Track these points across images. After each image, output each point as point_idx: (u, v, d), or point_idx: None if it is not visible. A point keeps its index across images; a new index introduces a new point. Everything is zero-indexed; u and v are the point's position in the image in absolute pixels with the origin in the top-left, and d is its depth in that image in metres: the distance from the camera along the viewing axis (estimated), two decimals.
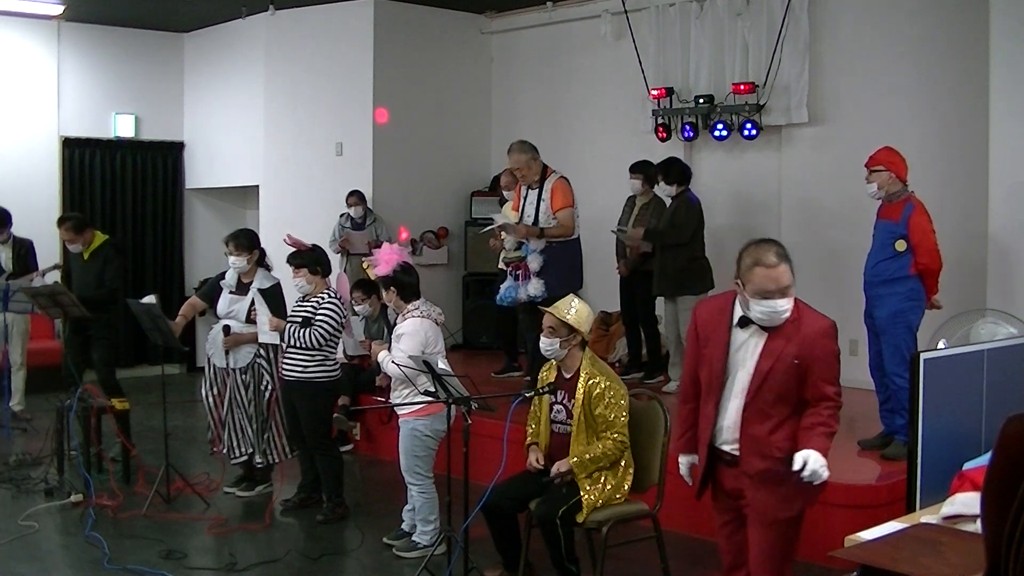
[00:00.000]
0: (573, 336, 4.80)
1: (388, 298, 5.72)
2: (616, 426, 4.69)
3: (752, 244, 3.58)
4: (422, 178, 10.31)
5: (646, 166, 8.08)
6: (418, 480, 5.57)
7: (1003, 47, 6.64)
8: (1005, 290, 6.57)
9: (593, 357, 4.87)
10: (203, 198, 11.87)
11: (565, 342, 4.81)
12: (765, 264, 3.47)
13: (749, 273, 3.50)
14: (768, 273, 3.46)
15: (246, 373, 6.46)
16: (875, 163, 5.87)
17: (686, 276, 7.53)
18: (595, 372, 4.77)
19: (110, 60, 11.14)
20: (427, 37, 10.35)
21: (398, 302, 5.68)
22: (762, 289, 3.47)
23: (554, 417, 4.91)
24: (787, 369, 3.50)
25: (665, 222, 7.64)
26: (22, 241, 8.51)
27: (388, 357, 5.53)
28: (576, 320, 4.80)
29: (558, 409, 4.89)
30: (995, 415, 3.54)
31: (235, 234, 6.58)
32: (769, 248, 3.51)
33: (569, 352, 4.83)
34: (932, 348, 5.25)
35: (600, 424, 4.71)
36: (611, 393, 4.71)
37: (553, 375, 4.92)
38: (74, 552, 5.62)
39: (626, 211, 8.21)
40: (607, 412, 4.69)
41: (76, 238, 7.35)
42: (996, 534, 2.47)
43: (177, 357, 10.49)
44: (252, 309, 6.34)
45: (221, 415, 6.57)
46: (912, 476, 3.63)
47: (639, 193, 8.10)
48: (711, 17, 8.79)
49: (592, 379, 4.73)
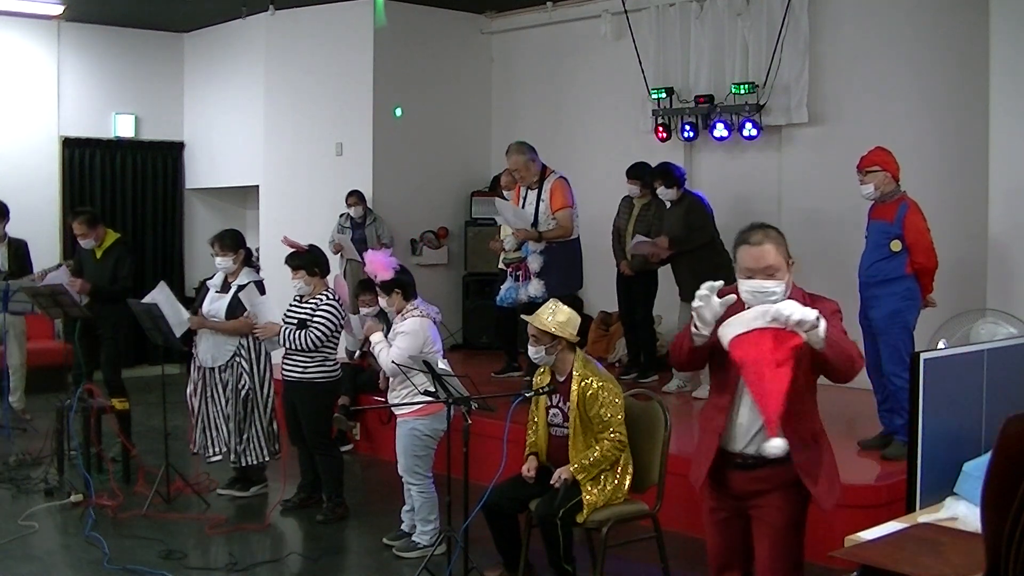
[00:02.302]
0: (557, 342, 4.80)
1: (391, 301, 5.71)
2: (613, 425, 4.70)
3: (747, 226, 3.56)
4: (422, 178, 10.31)
5: (641, 169, 8.06)
6: (417, 480, 5.57)
7: (1003, 48, 6.64)
8: (1005, 290, 6.57)
9: (585, 358, 4.87)
10: (203, 198, 11.88)
11: (551, 348, 4.81)
12: (748, 242, 3.46)
13: (736, 252, 3.51)
14: (750, 251, 3.43)
15: (225, 371, 6.45)
16: (870, 164, 5.88)
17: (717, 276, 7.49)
18: (587, 373, 4.77)
19: (110, 60, 11.14)
20: (427, 37, 10.35)
21: (400, 303, 5.69)
22: (745, 268, 3.45)
23: (551, 420, 4.91)
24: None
25: (680, 227, 7.58)
26: (18, 241, 8.50)
27: (384, 348, 5.54)
28: (557, 326, 4.80)
29: (554, 412, 4.90)
30: (995, 415, 3.53)
31: (220, 235, 6.58)
32: (757, 228, 3.49)
33: (559, 356, 4.83)
34: (932, 348, 5.24)
35: (597, 425, 4.72)
36: (605, 393, 4.71)
37: (547, 379, 4.92)
38: (74, 552, 5.62)
39: (624, 212, 8.18)
40: (603, 412, 4.69)
41: (89, 232, 7.34)
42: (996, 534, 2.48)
43: (177, 357, 10.47)
44: (243, 310, 6.32)
45: (201, 413, 6.57)
46: (912, 476, 3.63)
47: (637, 196, 8.10)
48: (711, 17, 8.79)
49: (584, 380, 4.73)
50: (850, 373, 3.39)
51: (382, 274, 5.71)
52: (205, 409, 6.54)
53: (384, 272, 5.70)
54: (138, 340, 10.16)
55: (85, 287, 7.18)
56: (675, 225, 7.65)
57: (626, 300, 8.31)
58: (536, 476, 4.88)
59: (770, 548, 3.54)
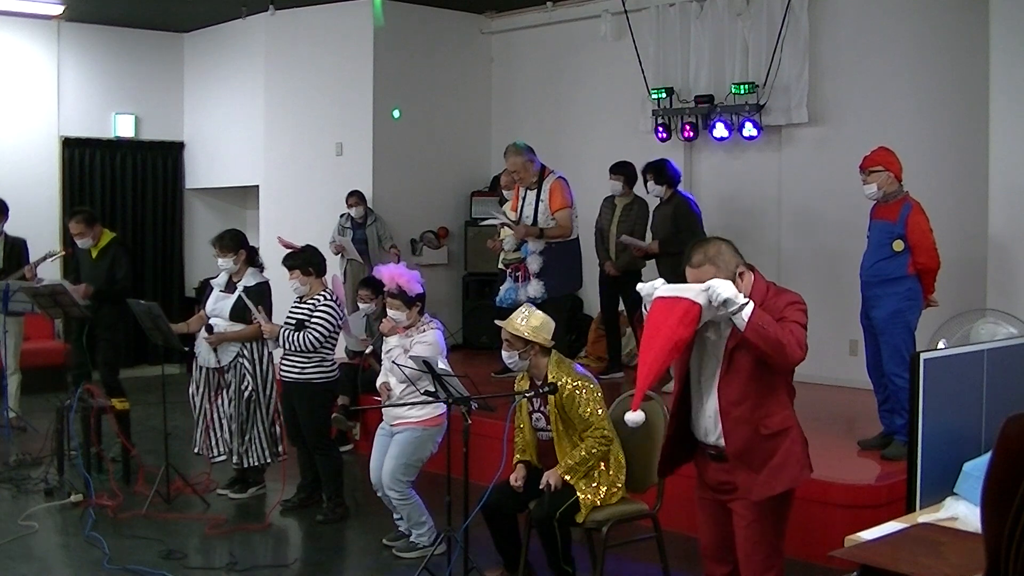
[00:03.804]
0: (530, 347, 4.81)
1: (409, 316, 5.65)
2: (595, 422, 4.70)
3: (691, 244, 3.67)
4: (422, 178, 10.31)
5: (626, 167, 8.03)
6: (399, 487, 5.52)
7: (1003, 47, 6.64)
8: (1005, 290, 6.57)
9: (559, 359, 4.87)
10: (203, 198, 11.87)
11: (524, 353, 4.82)
12: (690, 263, 3.59)
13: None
14: (691, 272, 3.57)
15: (228, 372, 6.45)
16: (873, 164, 5.87)
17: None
18: (561, 373, 4.77)
19: (110, 60, 11.14)
20: (427, 37, 10.35)
21: (415, 317, 5.67)
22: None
23: (535, 424, 4.92)
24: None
25: (668, 226, 7.56)
26: (15, 240, 8.49)
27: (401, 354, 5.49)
28: (531, 331, 4.80)
29: (537, 416, 4.91)
30: (995, 415, 3.54)
31: (220, 236, 6.58)
32: (698, 248, 3.61)
33: (533, 361, 4.84)
34: (932, 348, 5.25)
35: (579, 424, 4.73)
36: (580, 392, 4.72)
37: (526, 385, 4.93)
38: (74, 552, 5.62)
39: (607, 212, 8.10)
40: (582, 411, 4.70)
41: (87, 231, 7.33)
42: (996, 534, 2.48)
43: (177, 357, 10.48)
44: (247, 311, 6.32)
45: (202, 414, 6.57)
46: (912, 476, 3.63)
47: (619, 194, 8.03)
48: (711, 17, 8.79)
49: (559, 381, 4.73)
50: (781, 360, 3.45)
51: (410, 288, 5.63)
52: (209, 412, 6.53)
53: (413, 285, 5.65)
54: (138, 340, 10.18)
55: (88, 291, 7.17)
56: (662, 224, 7.62)
57: (608, 300, 8.26)
58: (529, 479, 4.88)
59: (744, 540, 3.64)
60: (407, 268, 5.82)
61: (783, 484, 3.60)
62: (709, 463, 3.71)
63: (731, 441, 3.57)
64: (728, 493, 3.67)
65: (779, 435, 3.59)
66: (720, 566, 3.79)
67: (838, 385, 7.86)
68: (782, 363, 3.47)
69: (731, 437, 3.56)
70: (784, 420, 3.61)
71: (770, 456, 3.57)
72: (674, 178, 7.66)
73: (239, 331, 6.35)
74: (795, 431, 3.65)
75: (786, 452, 3.59)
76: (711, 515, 3.78)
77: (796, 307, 3.55)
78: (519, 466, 4.95)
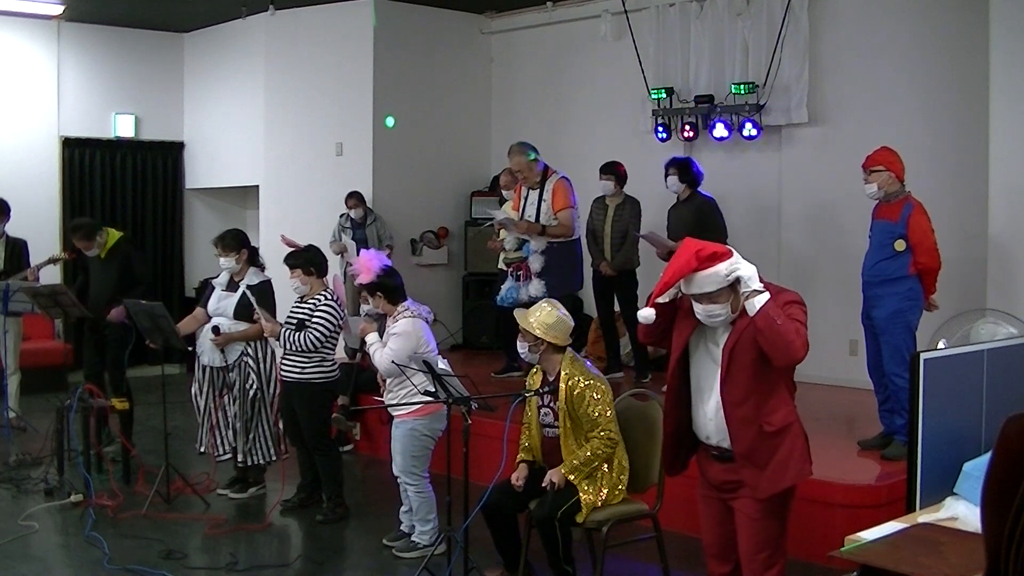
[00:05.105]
0: (540, 343, 4.81)
1: (375, 304, 5.72)
2: (602, 423, 4.70)
3: None
4: (422, 178, 10.31)
5: (616, 167, 7.98)
6: (414, 480, 5.56)
7: (1003, 47, 6.64)
8: (1005, 290, 6.57)
9: (573, 357, 4.87)
10: (203, 198, 11.87)
11: (534, 347, 4.83)
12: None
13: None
14: (690, 276, 3.54)
15: (232, 371, 6.45)
16: (875, 163, 5.87)
17: None
18: (574, 372, 4.77)
19: (110, 60, 11.14)
20: (427, 37, 10.35)
21: (386, 306, 5.69)
22: (689, 292, 3.53)
23: (543, 420, 4.92)
24: (753, 341, 3.49)
25: (690, 225, 7.50)
26: (17, 241, 8.48)
27: (379, 348, 5.54)
28: (542, 329, 4.80)
29: (545, 412, 4.90)
30: (995, 415, 3.54)
31: (221, 235, 6.58)
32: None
33: (545, 356, 4.84)
34: (932, 348, 5.25)
35: (586, 424, 4.72)
36: (591, 391, 4.72)
37: (539, 379, 4.94)
38: (74, 552, 5.62)
39: (599, 213, 8.05)
40: (591, 411, 4.70)
41: (90, 244, 7.41)
42: (996, 534, 2.48)
43: (177, 357, 10.48)
44: (251, 309, 6.32)
45: (207, 412, 6.57)
46: (912, 476, 3.63)
47: (611, 194, 7.98)
48: (711, 17, 8.79)
49: (572, 379, 4.73)
50: (783, 356, 3.45)
51: (363, 276, 5.70)
52: (214, 410, 6.54)
53: (366, 274, 5.69)
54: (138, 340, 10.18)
55: (121, 313, 7.13)
56: (679, 224, 7.58)
57: (606, 301, 8.25)
58: (532, 477, 4.88)
59: (747, 538, 3.64)
60: (376, 257, 5.81)
61: (788, 480, 3.61)
62: (712, 462, 3.71)
63: (738, 441, 3.57)
64: (732, 491, 3.67)
65: (782, 431, 3.59)
66: (723, 565, 3.79)
67: (838, 385, 7.86)
68: (784, 360, 3.47)
69: (737, 437, 3.56)
70: (787, 416, 3.61)
71: (774, 452, 3.57)
72: (697, 178, 7.62)
73: (244, 331, 6.35)
74: (797, 426, 3.66)
75: (790, 448, 3.60)
76: (714, 514, 3.78)
77: (796, 306, 3.55)
78: (521, 466, 4.95)
